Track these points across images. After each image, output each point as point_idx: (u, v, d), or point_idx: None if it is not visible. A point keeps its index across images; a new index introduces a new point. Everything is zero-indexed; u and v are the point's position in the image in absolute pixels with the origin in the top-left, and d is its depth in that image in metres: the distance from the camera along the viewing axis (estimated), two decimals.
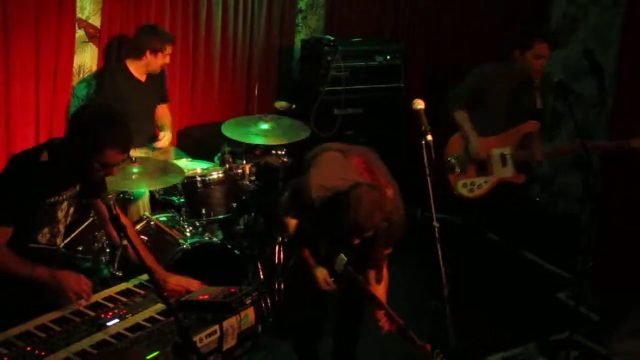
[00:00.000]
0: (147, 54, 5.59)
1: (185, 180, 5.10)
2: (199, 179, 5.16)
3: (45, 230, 3.64)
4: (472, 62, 6.25)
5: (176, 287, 3.57)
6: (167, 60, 5.70)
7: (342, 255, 3.87)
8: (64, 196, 3.61)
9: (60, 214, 3.66)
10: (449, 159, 5.91)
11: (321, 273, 4.07)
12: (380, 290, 4.08)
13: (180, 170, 5.06)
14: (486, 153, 5.84)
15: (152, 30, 5.64)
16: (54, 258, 3.76)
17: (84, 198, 3.87)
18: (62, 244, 5.00)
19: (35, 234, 3.61)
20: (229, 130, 5.44)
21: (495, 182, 5.88)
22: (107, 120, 3.44)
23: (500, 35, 7.39)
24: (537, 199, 7.31)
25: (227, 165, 5.34)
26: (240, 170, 5.36)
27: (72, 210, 3.76)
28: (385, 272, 4.12)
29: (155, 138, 5.93)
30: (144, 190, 5.33)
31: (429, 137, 3.44)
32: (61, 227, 3.73)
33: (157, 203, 5.51)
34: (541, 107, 5.85)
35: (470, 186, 5.90)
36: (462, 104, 5.88)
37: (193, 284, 3.61)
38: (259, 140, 5.45)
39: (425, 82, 7.46)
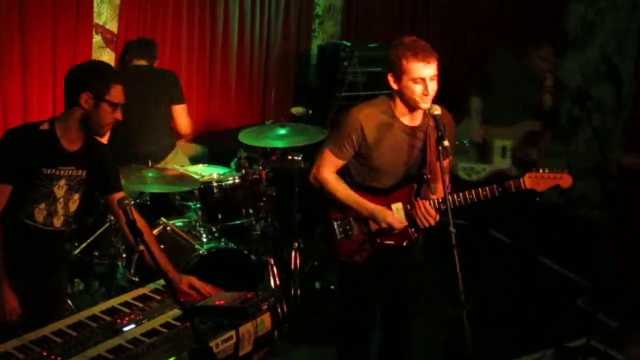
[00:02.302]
0: None
1: (202, 186, 5.11)
2: (215, 184, 5.17)
3: (42, 205, 3.62)
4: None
5: (189, 290, 3.57)
6: None
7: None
8: (62, 172, 3.61)
9: (58, 192, 3.64)
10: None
11: (388, 213, 3.86)
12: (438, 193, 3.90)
13: (194, 181, 5.10)
14: (484, 139, 5.95)
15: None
16: (50, 239, 3.76)
17: (98, 193, 3.90)
18: (77, 251, 5.04)
19: (32, 207, 3.61)
20: (246, 137, 5.43)
21: (494, 172, 5.94)
22: (99, 63, 3.81)
23: (518, 40, 7.36)
24: (537, 199, 7.29)
25: (244, 171, 5.34)
26: (256, 176, 5.35)
27: (76, 196, 3.73)
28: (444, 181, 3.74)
29: None
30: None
31: (446, 143, 3.44)
32: (59, 208, 3.69)
33: (174, 208, 5.52)
34: (549, 110, 5.83)
35: (469, 171, 6.01)
36: (478, 90, 6.00)
37: (207, 289, 3.60)
38: (277, 144, 5.45)
39: (443, 88, 7.44)
